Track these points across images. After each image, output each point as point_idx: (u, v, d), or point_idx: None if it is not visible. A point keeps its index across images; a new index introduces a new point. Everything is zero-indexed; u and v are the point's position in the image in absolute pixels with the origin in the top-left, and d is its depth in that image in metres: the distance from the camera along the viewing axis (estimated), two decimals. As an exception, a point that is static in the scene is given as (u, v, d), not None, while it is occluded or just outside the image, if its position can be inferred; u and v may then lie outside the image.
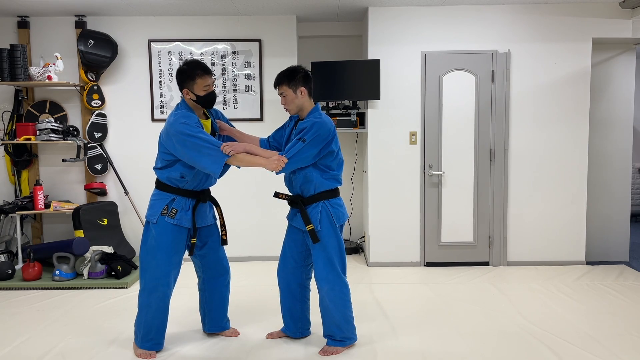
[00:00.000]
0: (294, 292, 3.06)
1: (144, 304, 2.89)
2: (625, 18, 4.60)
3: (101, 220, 4.72)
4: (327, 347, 2.97)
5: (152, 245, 2.86)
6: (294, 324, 3.10)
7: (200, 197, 2.94)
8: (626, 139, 4.90)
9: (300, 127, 2.83)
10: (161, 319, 2.93)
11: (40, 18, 4.83)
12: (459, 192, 4.73)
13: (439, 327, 3.31)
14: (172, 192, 2.88)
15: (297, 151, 2.76)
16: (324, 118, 2.85)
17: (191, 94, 2.81)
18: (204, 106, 2.88)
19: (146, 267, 2.87)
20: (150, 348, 2.93)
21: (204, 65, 2.83)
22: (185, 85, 2.80)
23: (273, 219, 4.93)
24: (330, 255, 2.86)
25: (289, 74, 2.85)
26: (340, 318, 2.92)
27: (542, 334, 3.20)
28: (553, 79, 4.67)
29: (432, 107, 4.67)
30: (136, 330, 2.97)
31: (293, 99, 2.85)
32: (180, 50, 4.88)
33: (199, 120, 2.82)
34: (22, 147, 4.87)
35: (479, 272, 4.55)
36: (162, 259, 2.85)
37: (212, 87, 2.86)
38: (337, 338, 2.96)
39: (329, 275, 2.86)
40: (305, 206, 2.89)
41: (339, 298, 2.90)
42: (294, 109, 2.88)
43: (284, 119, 4.95)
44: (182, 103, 2.87)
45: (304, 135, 2.76)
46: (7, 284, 4.21)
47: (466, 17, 4.64)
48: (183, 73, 2.80)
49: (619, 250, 4.97)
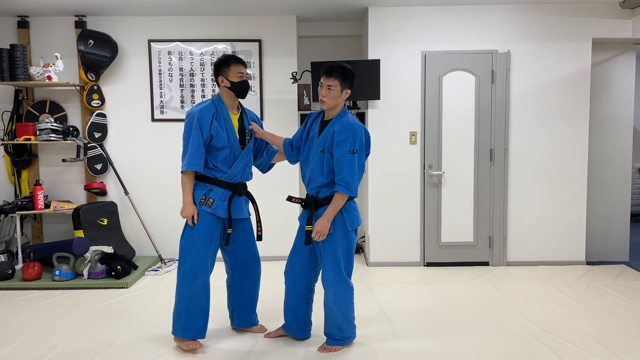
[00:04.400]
0: (300, 293, 3.05)
1: (184, 293, 2.92)
2: (625, 18, 4.60)
3: (101, 220, 4.72)
4: (326, 345, 3.00)
5: (190, 235, 2.93)
6: (296, 324, 3.10)
7: (236, 190, 3.02)
8: (626, 139, 4.90)
9: (337, 138, 2.75)
10: (203, 306, 2.96)
11: (40, 18, 4.83)
12: (459, 192, 4.73)
13: (438, 327, 3.31)
14: (210, 182, 2.97)
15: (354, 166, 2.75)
16: (356, 120, 2.85)
17: (226, 81, 2.95)
18: (237, 94, 2.99)
19: (186, 256, 2.93)
20: (192, 336, 2.95)
21: (238, 57, 3.03)
22: (221, 72, 2.96)
23: (281, 219, 4.94)
24: (338, 259, 2.86)
25: (345, 71, 2.80)
26: (342, 320, 2.94)
27: (542, 334, 3.20)
28: (553, 79, 4.67)
29: (432, 107, 4.67)
30: (174, 321, 2.98)
31: (337, 95, 2.81)
32: (180, 50, 4.88)
33: (225, 112, 2.96)
34: (22, 147, 4.87)
35: (479, 272, 4.55)
36: (200, 247, 2.91)
37: (246, 77, 3.00)
38: (337, 337, 2.98)
39: (334, 279, 2.86)
40: (319, 208, 2.88)
41: (342, 301, 2.91)
42: (331, 104, 2.83)
43: (284, 119, 4.97)
44: (218, 95, 3.02)
45: (350, 147, 2.74)
46: (7, 284, 4.21)
47: (466, 17, 4.64)
48: (219, 62, 2.98)
49: (619, 250, 4.97)
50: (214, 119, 2.92)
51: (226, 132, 2.95)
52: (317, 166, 2.85)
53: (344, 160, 2.73)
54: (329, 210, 2.78)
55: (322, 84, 2.83)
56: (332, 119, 2.87)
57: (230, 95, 2.99)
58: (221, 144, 2.93)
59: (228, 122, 2.97)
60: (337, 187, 2.75)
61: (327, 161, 2.80)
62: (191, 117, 2.91)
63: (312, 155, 2.88)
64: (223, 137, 2.93)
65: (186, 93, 4.92)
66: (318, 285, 3.09)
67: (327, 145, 2.81)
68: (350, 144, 2.73)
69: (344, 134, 2.75)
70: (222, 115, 2.95)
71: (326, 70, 2.81)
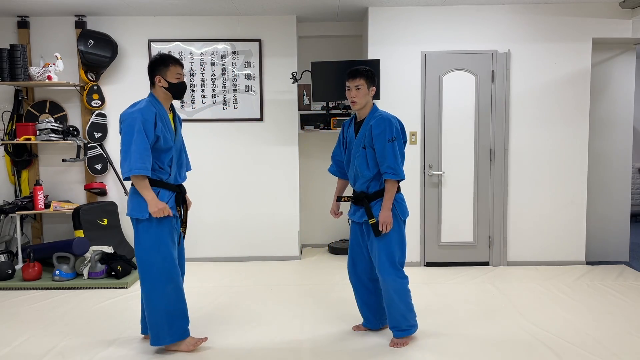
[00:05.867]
0: (368, 287, 3.17)
1: (160, 298, 2.83)
2: (625, 18, 4.60)
3: (101, 220, 4.72)
4: (396, 339, 3.05)
5: (151, 241, 2.82)
6: (373, 317, 3.21)
7: (180, 190, 2.99)
8: (626, 139, 4.90)
9: (375, 131, 2.92)
10: (182, 307, 2.91)
11: (40, 18, 4.83)
12: (459, 192, 4.72)
13: (438, 327, 3.31)
14: (157, 185, 2.87)
15: (396, 152, 2.89)
16: (389, 113, 2.99)
17: (163, 81, 2.87)
18: (174, 96, 2.93)
19: (151, 264, 2.83)
20: (180, 338, 2.91)
21: (176, 57, 2.95)
22: (158, 72, 2.87)
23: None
24: (393, 250, 2.96)
25: (367, 70, 2.98)
26: (405, 308, 3.02)
27: (542, 334, 3.19)
28: (553, 79, 4.67)
29: (432, 107, 4.67)
30: (156, 330, 2.87)
31: (365, 93, 2.97)
32: (180, 50, 4.88)
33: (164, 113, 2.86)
34: (22, 147, 4.87)
35: (479, 272, 4.55)
36: (166, 252, 2.84)
37: (183, 79, 2.93)
38: (403, 327, 3.05)
39: (390, 268, 2.96)
40: (370, 202, 2.99)
41: (402, 289, 3.00)
42: (362, 104, 2.98)
43: (284, 119, 4.97)
44: (151, 94, 2.91)
45: (389, 136, 2.90)
46: (7, 284, 4.21)
47: (466, 17, 4.63)
48: (157, 61, 2.89)
49: (619, 250, 4.97)
50: (158, 120, 2.81)
51: (169, 133, 2.88)
52: (361, 162, 2.99)
53: (386, 149, 2.90)
54: (386, 200, 2.92)
55: (349, 87, 2.99)
56: (364, 118, 3.03)
57: (167, 96, 2.91)
58: (167, 146, 2.86)
59: (168, 122, 2.90)
60: (385, 175, 2.91)
61: (370, 155, 2.96)
62: (132, 118, 2.76)
63: (353, 154, 3.04)
64: (168, 138, 2.86)
65: (186, 93, 4.91)
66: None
67: (367, 141, 2.96)
68: (388, 133, 2.90)
69: (380, 126, 2.92)
70: (163, 116, 2.86)
71: (351, 74, 2.99)
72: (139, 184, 2.78)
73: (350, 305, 3.65)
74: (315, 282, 4.32)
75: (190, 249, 4.95)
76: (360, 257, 3.14)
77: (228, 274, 4.56)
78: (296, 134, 4.97)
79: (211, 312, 3.62)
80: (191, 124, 4.93)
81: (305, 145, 5.39)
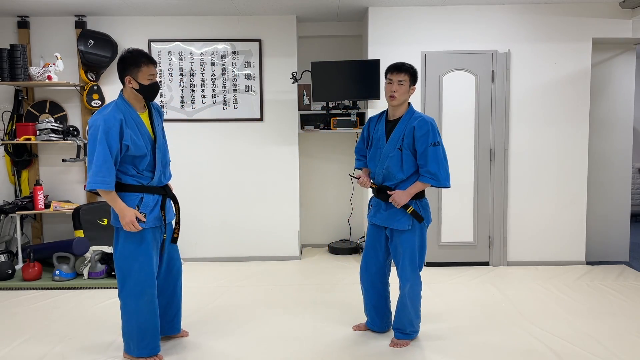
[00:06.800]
0: (379, 291, 3.16)
1: (132, 310, 2.76)
2: (625, 18, 4.60)
3: (101, 220, 4.72)
4: (397, 340, 3.06)
5: (129, 248, 2.73)
6: (380, 320, 3.20)
7: (166, 192, 2.87)
8: (626, 139, 4.90)
9: (418, 133, 2.86)
10: (154, 321, 2.81)
11: (40, 18, 4.83)
12: (459, 192, 4.72)
13: (438, 327, 3.31)
14: (138, 190, 2.75)
15: (439, 157, 2.86)
16: (428, 116, 2.96)
17: (134, 82, 2.69)
18: (146, 97, 2.77)
19: (129, 272, 2.73)
20: (149, 354, 2.81)
21: (149, 54, 2.76)
22: (129, 72, 2.69)
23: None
24: (415, 256, 2.96)
25: (413, 67, 2.94)
26: (414, 314, 3.04)
27: (542, 333, 3.20)
28: (553, 79, 4.67)
29: (432, 107, 4.67)
30: (127, 340, 2.83)
31: (406, 91, 2.92)
32: (180, 50, 4.88)
33: (134, 115, 2.70)
34: (22, 147, 4.87)
35: (479, 272, 4.55)
36: (144, 261, 2.74)
37: (156, 79, 2.77)
38: (407, 331, 3.07)
39: (411, 274, 2.96)
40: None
41: (416, 295, 3.02)
42: (401, 100, 2.92)
43: (284, 119, 4.97)
44: (120, 97, 2.75)
45: (432, 140, 2.85)
46: (7, 284, 4.21)
47: (466, 17, 4.63)
48: (126, 60, 2.69)
49: (619, 250, 4.97)
50: (124, 127, 2.64)
51: (142, 138, 2.72)
52: (394, 164, 2.92)
53: (428, 153, 2.85)
54: (411, 188, 2.89)
55: (391, 81, 2.91)
56: (400, 117, 2.96)
57: (138, 97, 2.75)
58: (141, 152, 2.70)
59: (141, 125, 2.73)
60: (422, 178, 2.88)
61: (406, 158, 2.90)
62: (94, 128, 2.60)
63: (384, 154, 2.95)
64: (141, 144, 2.70)
65: (186, 93, 4.92)
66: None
67: (405, 142, 2.89)
68: (431, 136, 2.86)
69: (423, 128, 2.87)
70: (132, 120, 2.69)
71: (396, 67, 2.91)
72: (104, 196, 2.66)
73: (350, 305, 3.65)
74: (315, 282, 4.32)
75: (190, 249, 4.95)
76: (375, 261, 3.12)
77: (228, 274, 4.56)
78: (296, 134, 4.97)
79: (211, 312, 3.63)
80: (191, 124, 4.93)
81: (305, 145, 5.39)
